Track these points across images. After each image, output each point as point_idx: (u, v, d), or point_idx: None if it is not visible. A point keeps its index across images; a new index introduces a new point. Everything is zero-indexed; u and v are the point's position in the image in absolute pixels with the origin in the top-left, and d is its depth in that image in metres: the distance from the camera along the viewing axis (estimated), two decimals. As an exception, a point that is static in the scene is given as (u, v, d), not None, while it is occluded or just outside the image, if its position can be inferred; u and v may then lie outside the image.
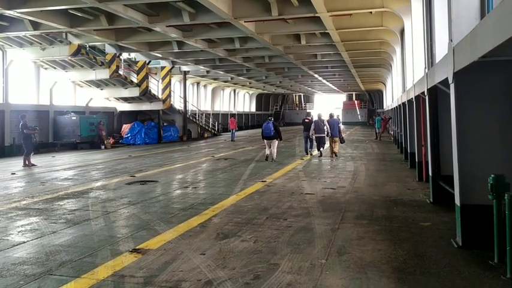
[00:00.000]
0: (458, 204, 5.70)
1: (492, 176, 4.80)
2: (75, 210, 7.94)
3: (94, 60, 23.42)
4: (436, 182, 8.32)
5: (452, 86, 5.70)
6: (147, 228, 6.58)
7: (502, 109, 5.44)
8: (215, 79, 40.65)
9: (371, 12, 15.98)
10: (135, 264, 4.94)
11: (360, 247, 5.61)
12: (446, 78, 5.97)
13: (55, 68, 24.20)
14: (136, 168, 14.65)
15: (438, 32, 8.53)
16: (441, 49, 7.97)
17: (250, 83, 45.19)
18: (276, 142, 16.26)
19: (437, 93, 8.23)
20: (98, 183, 11.25)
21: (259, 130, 17.32)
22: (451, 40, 5.75)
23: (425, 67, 9.15)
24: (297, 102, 76.25)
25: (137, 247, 5.58)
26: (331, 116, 18.54)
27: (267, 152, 16.31)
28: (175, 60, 26.64)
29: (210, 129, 38.70)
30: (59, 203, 8.72)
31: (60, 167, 15.57)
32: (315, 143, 18.35)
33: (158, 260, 5.08)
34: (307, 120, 18.73)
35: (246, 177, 12.10)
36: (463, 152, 5.60)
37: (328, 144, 18.10)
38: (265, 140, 16.30)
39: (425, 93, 8.63)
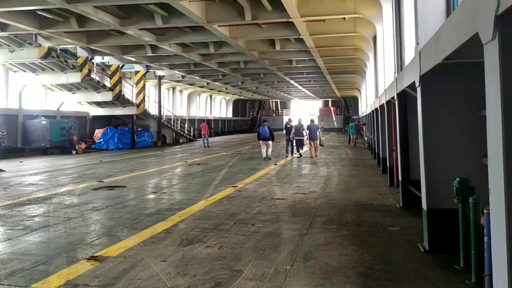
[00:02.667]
0: (425, 209, 5.67)
1: (457, 179, 4.77)
2: (34, 217, 7.60)
3: (65, 63, 22.88)
4: (405, 187, 8.32)
5: (418, 90, 5.69)
6: (108, 235, 6.32)
7: (466, 112, 5.44)
8: (191, 84, 40.33)
9: (344, 18, 16.08)
10: (91, 273, 4.70)
11: (327, 252, 5.50)
12: (414, 82, 5.96)
13: (25, 71, 23.55)
14: (106, 173, 14.27)
15: (407, 37, 8.59)
16: (409, 53, 8.02)
17: (226, 89, 45.02)
18: (270, 143, 18.73)
19: (406, 98, 8.25)
20: (63, 189, 10.87)
21: (236, 136, 18.90)
22: (417, 43, 5.75)
23: (395, 72, 9.19)
24: (274, 109, 76.42)
25: (95, 254, 5.33)
26: (312, 121, 20.76)
27: (263, 151, 18.70)
28: (149, 64, 26.29)
29: (185, 135, 38.28)
30: (18, 209, 8.35)
31: (27, 172, 15.06)
32: (295, 146, 20.12)
33: (116, 268, 4.85)
34: (289, 126, 20.66)
35: (217, 182, 11.91)
36: (429, 156, 5.58)
37: (309, 147, 20.17)
38: (261, 141, 18.72)
39: (395, 98, 8.65)
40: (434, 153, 5.58)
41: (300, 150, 19.94)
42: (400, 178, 8.60)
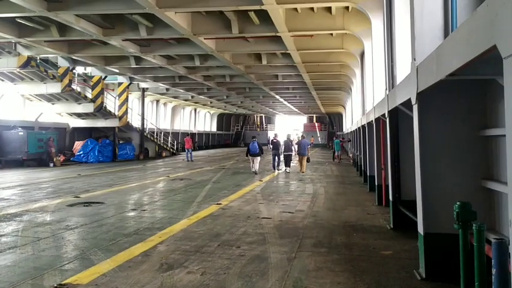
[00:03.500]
0: (422, 233, 5.34)
1: (458, 203, 4.45)
2: (1, 236, 7.03)
3: (45, 73, 22.22)
4: (396, 208, 8.02)
5: (415, 107, 5.40)
6: (80, 258, 5.81)
7: (466, 132, 5.17)
8: (175, 97, 39.86)
9: (332, 34, 15.97)
10: (57, 304, 4.22)
11: (318, 280, 5.11)
12: (409, 99, 5.69)
13: (3, 80, 22.82)
14: (83, 188, 13.65)
15: (399, 54, 8.39)
16: (402, 70, 7.79)
17: (211, 103, 44.64)
18: (258, 158, 19.23)
19: (398, 115, 8.01)
20: (36, 205, 10.25)
21: (220, 150, 19.21)
22: (414, 59, 5.48)
23: (386, 89, 8.95)
24: (258, 123, 76.18)
25: (64, 282, 4.82)
26: (303, 137, 21.55)
27: (251, 165, 19.20)
28: (133, 76, 25.82)
29: (168, 148, 37.62)
30: (-15, 227, 7.77)
31: (-1, 185, 14.36)
32: (282, 160, 20.63)
33: (86, 298, 4.38)
34: (275, 141, 21.21)
35: (200, 199, 11.45)
36: (427, 177, 5.27)
37: (296, 161, 20.85)
38: (250, 157, 19.13)
39: (386, 115, 8.39)
40: (432, 174, 5.28)
41: (287, 166, 20.21)
42: (391, 198, 8.30)
